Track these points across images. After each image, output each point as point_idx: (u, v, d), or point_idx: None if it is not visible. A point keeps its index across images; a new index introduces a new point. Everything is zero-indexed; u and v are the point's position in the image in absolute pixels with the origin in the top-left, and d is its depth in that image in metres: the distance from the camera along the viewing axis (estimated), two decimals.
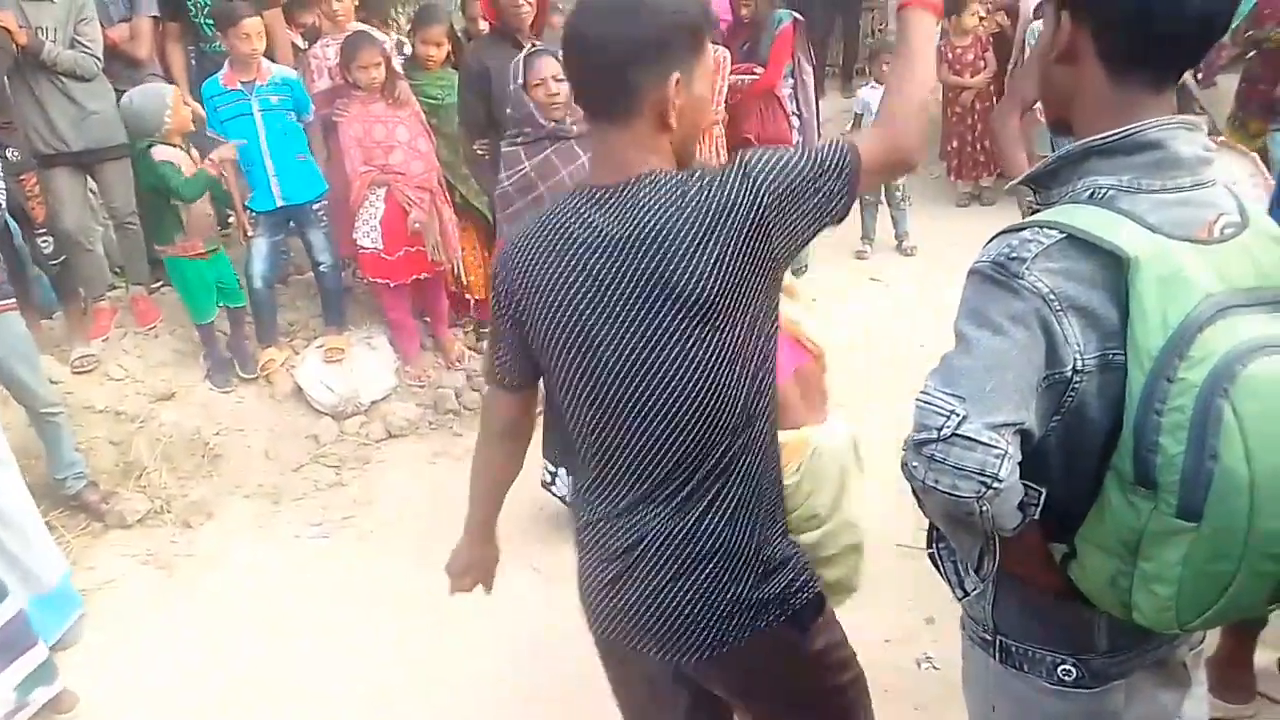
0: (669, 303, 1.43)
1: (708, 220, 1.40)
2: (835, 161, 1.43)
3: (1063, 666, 1.33)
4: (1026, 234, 1.18)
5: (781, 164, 1.42)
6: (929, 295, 4.97)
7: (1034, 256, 1.15)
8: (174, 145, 4.23)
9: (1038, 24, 5.12)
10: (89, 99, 4.47)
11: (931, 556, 1.45)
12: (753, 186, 1.41)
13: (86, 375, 4.39)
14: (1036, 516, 1.21)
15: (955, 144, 6.81)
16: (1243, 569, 1.11)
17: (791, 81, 5.65)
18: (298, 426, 4.52)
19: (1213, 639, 2.49)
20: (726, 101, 5.38)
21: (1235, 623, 2.44)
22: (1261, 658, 2.51)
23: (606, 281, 1.45)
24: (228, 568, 3.70)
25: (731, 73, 5.63)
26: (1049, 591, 1.29)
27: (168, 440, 4.23)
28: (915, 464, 1.15)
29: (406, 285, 4.70)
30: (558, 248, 1.49)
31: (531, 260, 1.52)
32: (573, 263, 1.47)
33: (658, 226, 1.42)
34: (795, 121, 5.66)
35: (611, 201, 1.45)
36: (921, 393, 1.16)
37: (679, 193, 1.42)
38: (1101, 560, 1.20)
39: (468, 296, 5.05)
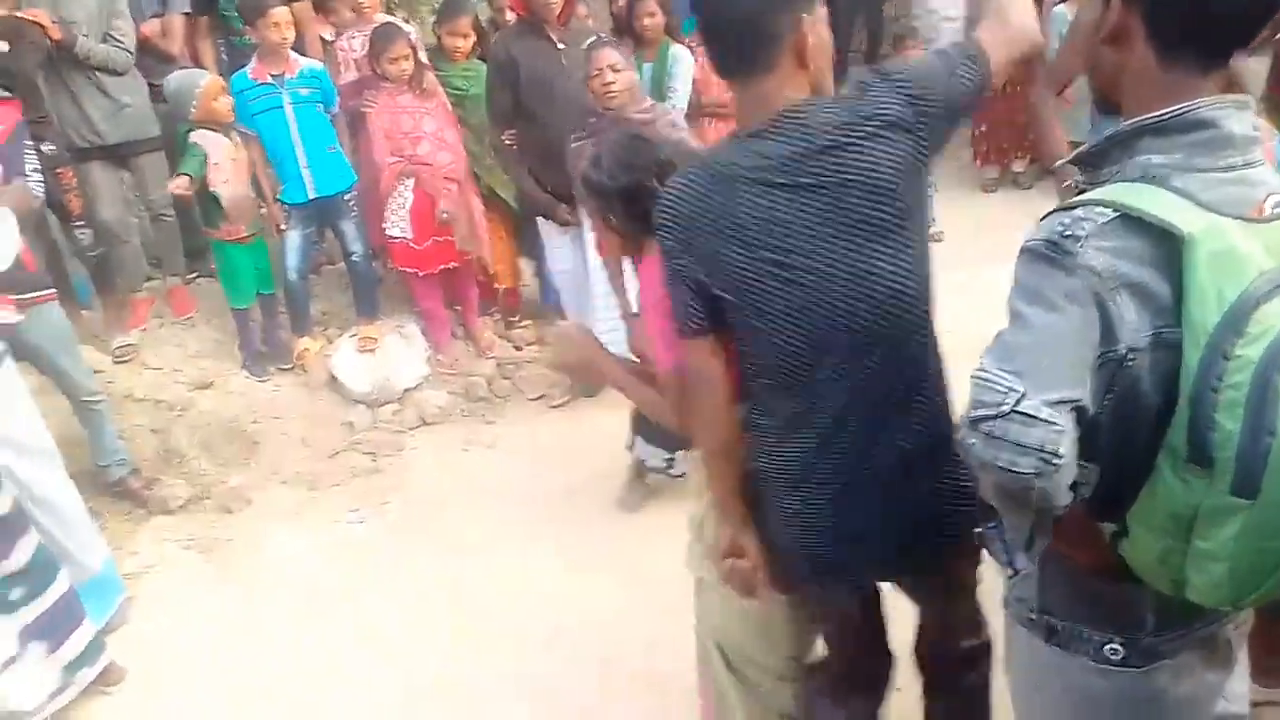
0: (864, 205, 1.51)
1: (872, 124, 1.51)
2: (963, 54, 1.58)
3: (1109, 645, 1.32)
4: (1080, 212, 1.17)
5: (917, 66, 1.58)
6: (956, 280, 4.93)
7: (1088, 235, 1.15)
8: (214, 130, 4.28)
9: (1062, 8, 5.08)
10: (122, 93, 4.54)
11: (979, 535, 1.43)
12: (900, 88, 1.53)
13: (126, 364, 4.48)
14: (1088, 495, 1.22)
15: (984, 128, 6.77)
16: None
17: None
18: (333, 414, 4.58)
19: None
20: None
21: (1268, 605, 2.44)
22: None
23: (796, 201, 1.52)
24: (267, 552, 3.78)
25: None
26: (1096, 570, 1.29)
27: (206, 428, 4.31)
28: (973, 440, 1.13)
29: (436, 275, 4.75)
30: (732, 183, 1.55)
31: (705, 203, 1.57)
32: (754, 192, 1.53)
33: (830, 138, 1.51)
34: None
35: (774, 132, 1.53)
36: (978, 370, 1.15)
37: (836, 108, 1.53)
38: (1153, 538, 1.20)
39: (496, 286, 5.10)
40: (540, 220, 4.43)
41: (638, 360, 2.31)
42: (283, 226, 4.61)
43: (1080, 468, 1.17)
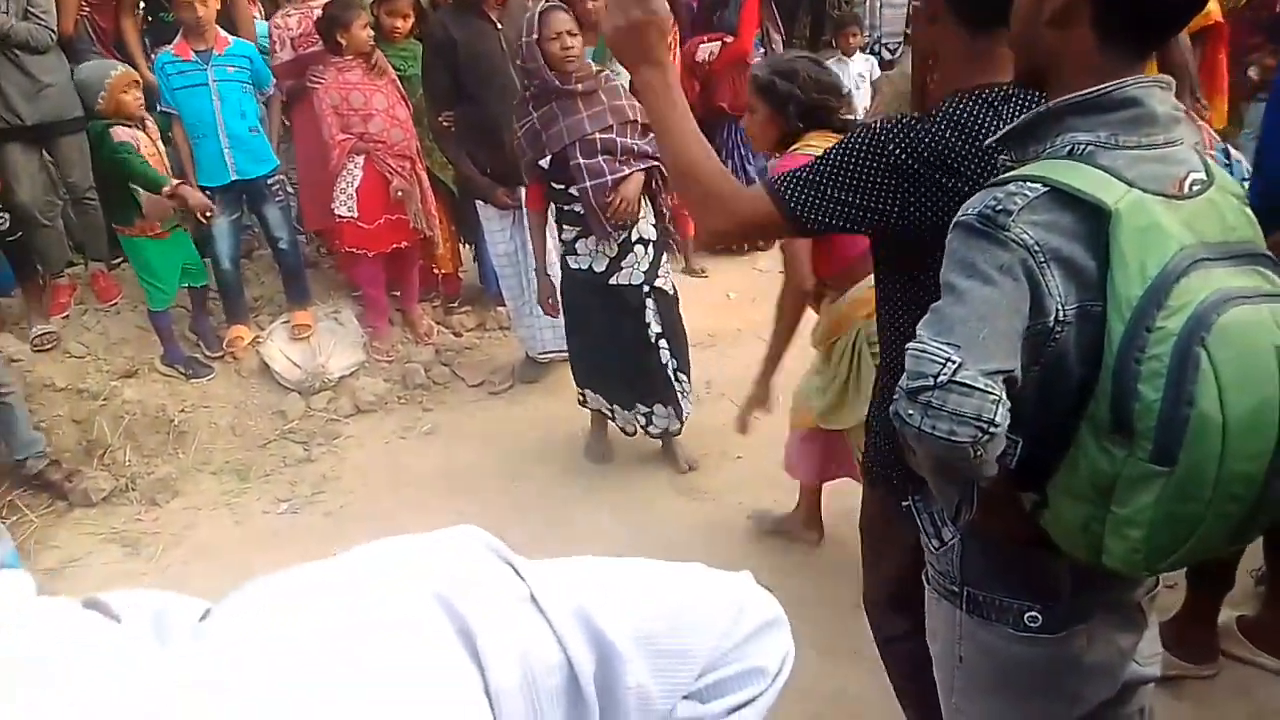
0: None
1: None
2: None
3: (1029, 613, 1.36)
4: (1011, 187, 1.20)
5: None
6: None
7: (1019, 209, 1.17)
8: (129, 125, 4.14)
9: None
10: (43, 72, 4.35)
11: (907, 508, 1.47)
12: None
13: (46, 353, 4.31)
14: (1013, 466, 1.23)
15: None
16: (1210, 512, 1.14)
17: (761, 51, 5.63)
18: (264, 403, 4.47)
19: (1176, 599, 2.53)
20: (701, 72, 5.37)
21: (1202, 584, 2.48)
22: (1222, 616, 2.55)
23: None
24: (195, 544, 3.67)
25: (703, 42, 5.61)
26: (1015, 539, 1.32)
27: (131, 417, 4.17)
28: (910, 411, 1.15)
29: (383, 256, 4.65)
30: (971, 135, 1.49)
31: (944, 146, 1.49)
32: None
33: None
34: None
35: (1012, 100, 1.49)
36: (914, 342, 1.17)
37: None
38: (1074, 507, 1.23)
39: (436, 271, 5.01)
40: (479, 204, 4.36)
41: None
42: (210, 214, 4.47)
43: (1007, 438, 1.19)
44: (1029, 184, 1.19)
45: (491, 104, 4.04)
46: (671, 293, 3.68)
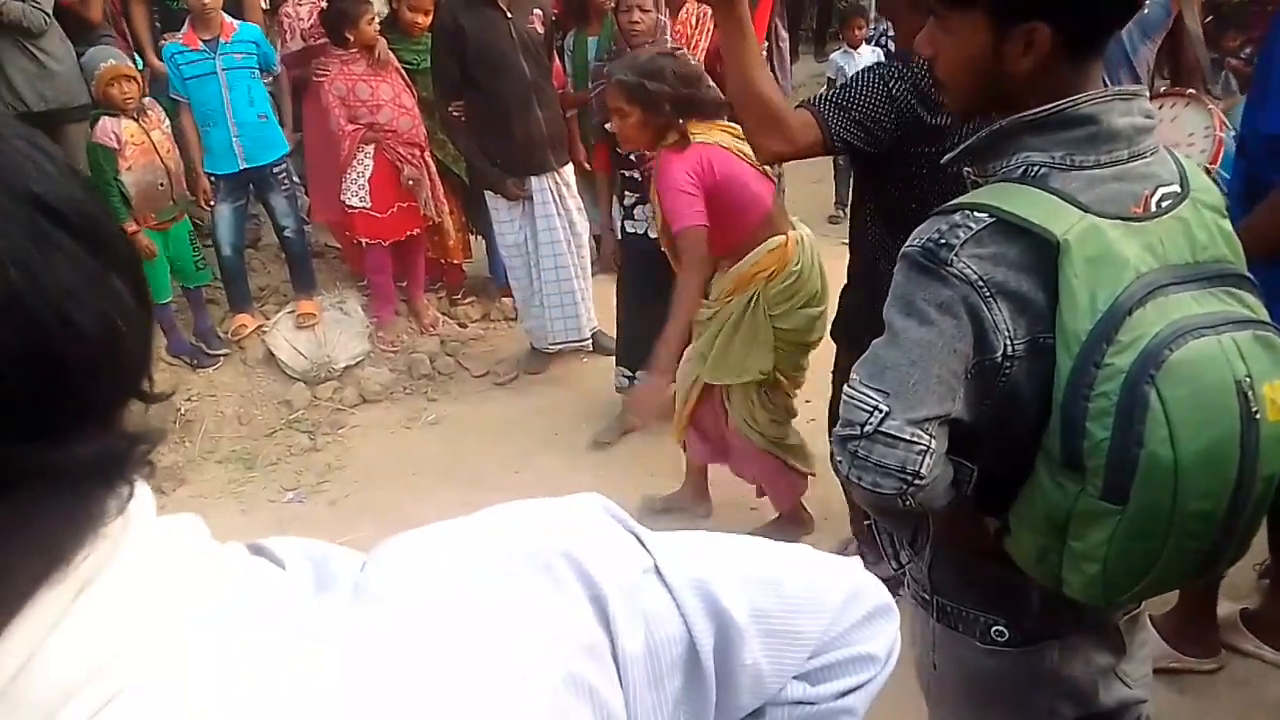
0: None
1: None
2: None
3: (995, 627, 1.34)
4: (957, 218, 1.15)
5: None
6: None
7: (962, 243, 1.13)
8: (118, 114, 4.11)
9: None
10: (48, 59, 4.36)
11: (868, 527, 1.46)
12: None
13: None
14: (968, 493, 1.23)
15: None
16: (1167, 547, 1.12)
17: (767, 45, 5.61)
18: (270, 392, 4.47)
19: (1170, 598, 2.53)
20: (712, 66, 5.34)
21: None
22: (1225, 610, 2.56)
23: None
24: None
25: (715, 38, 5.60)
26: (983, 554, 1.30)
27: (137, 406, 4.17)
28: (840, 459, 1.17)
29: (390, 246, 4.65)
30: None
31: (925, 85, 2.00)
32: None
33: None
34: None
35: None
36: (847, 385, 1.17)
37: None
38: (1032, 537, 1.21)
39: (443, 261, 5.02)
40: (488, 194, 4.36)
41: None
42: (212, 201, 4.47)
43: (960, 466, 1.20)
44: (975, 214, 1.14)
45: (501, 94, 4.03)
46: None
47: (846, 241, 2.60)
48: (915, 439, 1.11)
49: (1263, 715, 2.40)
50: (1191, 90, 2.59)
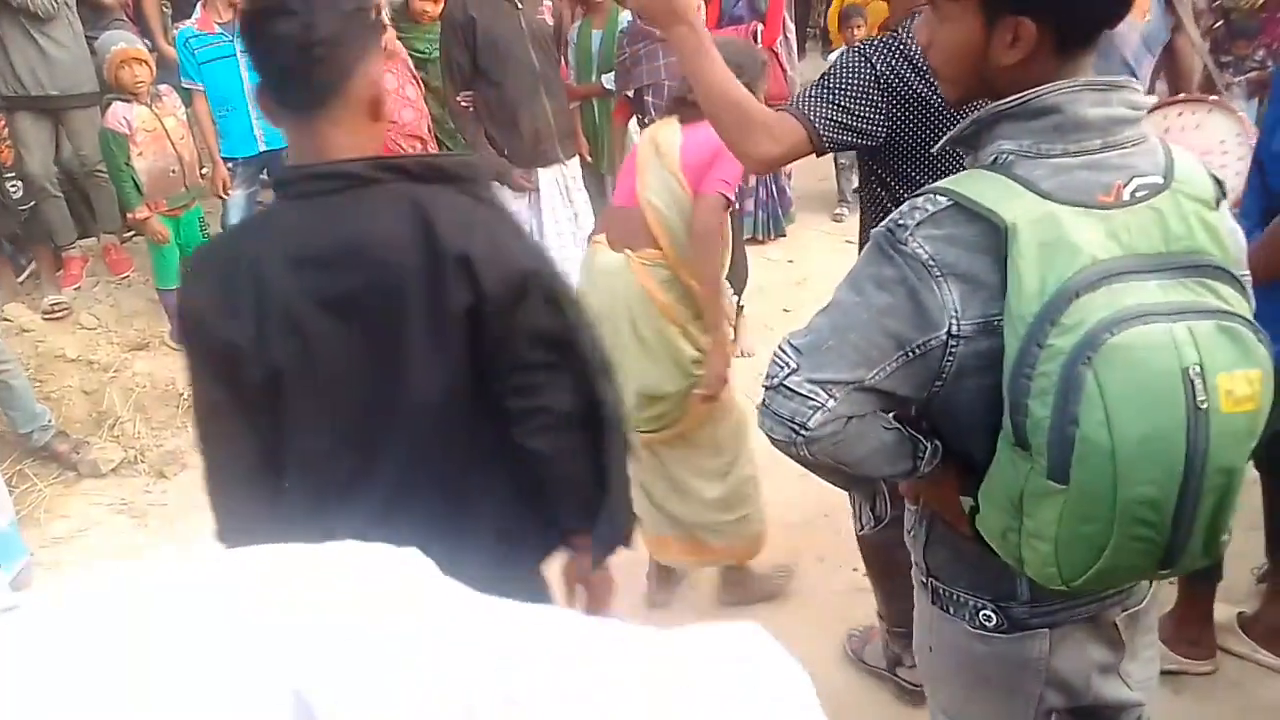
0: None
1: None
2: None
3: (984, 611, 1.36)
4: (920, 200, 1.19)
5: None
6: None
7: (918, 224, 1.17)
8: (130, 99, 4.12)
9: None
10: (55, 44, 4.37)
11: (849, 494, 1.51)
12: None
13: (58, 323, 4.33)
14: (924, 470, 1.27)
15: None
16: (1115, 532, 1.12)
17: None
18: None
19: (1169, 595, 2.54)
20: None
21: (1189, 577, 2.47)
22: (1223, 613, 2.57)
23: None
24: (202, 516, 3.65)
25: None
26: (971, 537, 1.31)
27: (141, 390, 4.19)
28: (759, 409, 1.25)
29: None
30: None
31: (914, 53, 1.81)
32: None
33: None
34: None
35: None
36: (776, 345, 1.25)
37: None
38: (996, 515, 1.23)
39: None
40: (495, 185, 4.36)
41: None
42: (230, 190, 4.47)
43: (917, 442, 1.26)
44: (937, 197, 1.18)
45: (509, 85, 4.03)
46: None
47: (850, 240, 2.59)
48: (812, 395, 1.18)
49: (1258, 717, 2.42)
50: (1214, 96, 2.59)
